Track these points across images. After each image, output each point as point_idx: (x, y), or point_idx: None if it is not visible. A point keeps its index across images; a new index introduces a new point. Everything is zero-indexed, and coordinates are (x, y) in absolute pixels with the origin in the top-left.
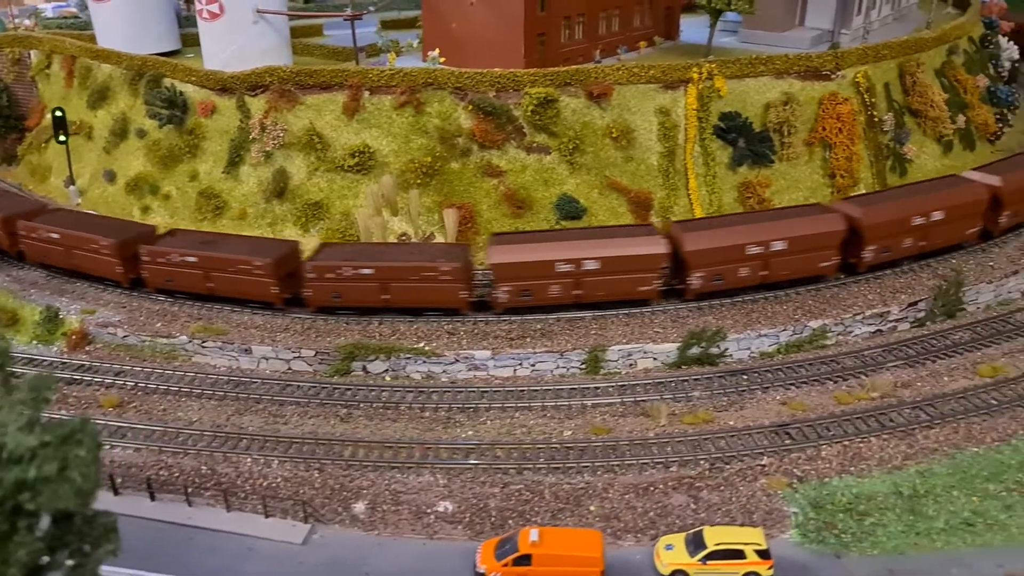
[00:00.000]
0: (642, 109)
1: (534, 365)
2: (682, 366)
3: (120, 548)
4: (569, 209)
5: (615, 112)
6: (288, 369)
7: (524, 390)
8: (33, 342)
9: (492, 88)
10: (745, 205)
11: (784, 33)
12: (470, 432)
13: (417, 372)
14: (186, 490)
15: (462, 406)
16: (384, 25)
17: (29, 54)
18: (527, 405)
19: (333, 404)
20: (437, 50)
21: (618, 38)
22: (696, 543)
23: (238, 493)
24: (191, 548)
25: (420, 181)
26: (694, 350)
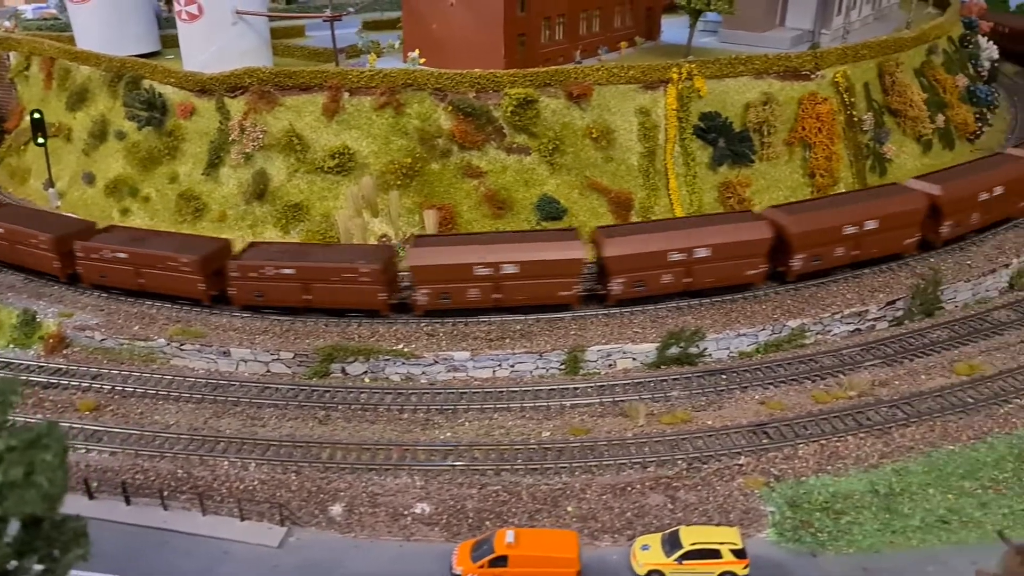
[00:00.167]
0: (622, 109)
1: (513, 366)
2: (661, 366)
3: (90, 553)
4: (549, 210)
5: (595, 112)
6: (267, 371)
7: (503, 391)
8: (10, 346)
9: (472, 89)
10: (725, 205)
11: (764, 33)
12: (448, 433)
13: (396, 374)
14: (161, 494)
15: (441, 407)
16: (366, 26)
17: (8, 56)
18: (506, 406)
19: (312, 406)
20: (417, 51)
21: (599, 38)
22: (672, 543)
23: (214, 496)
24: (166, 552)
25: (400, 182)
26: (673, 350)
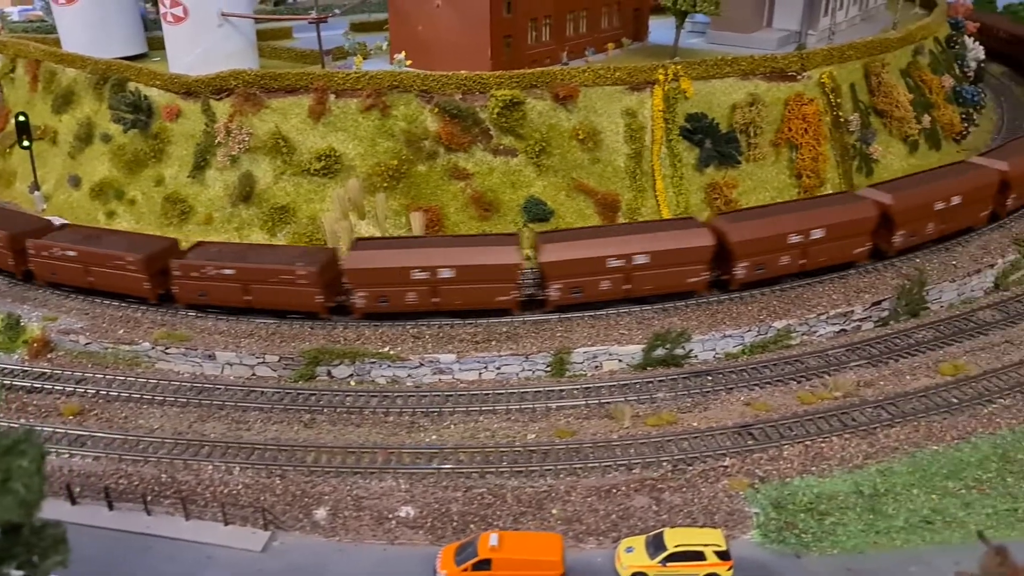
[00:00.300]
0: (608, 111)
1: (499, 368)
2: (647, 368)
3: (69, 559)
4: (536, 211)
5: (582, 114)
6: (252, 375)
7: (489, 393)
8: None
9: (458, 91)
10: (712, 206)
11: (752, 34)
12: (434, 436)
13: (382, 376)
14: (145, 499)
15: (426, 410)
16: (353, 27)
17: None
18: (491, 408)
19: (297, 409)
20: (403, 53)
21: (586, 40)
22: (656, 545)
23: (198, 501)
24: (149, 557)
25: (387, 184)
26: (659, 351)
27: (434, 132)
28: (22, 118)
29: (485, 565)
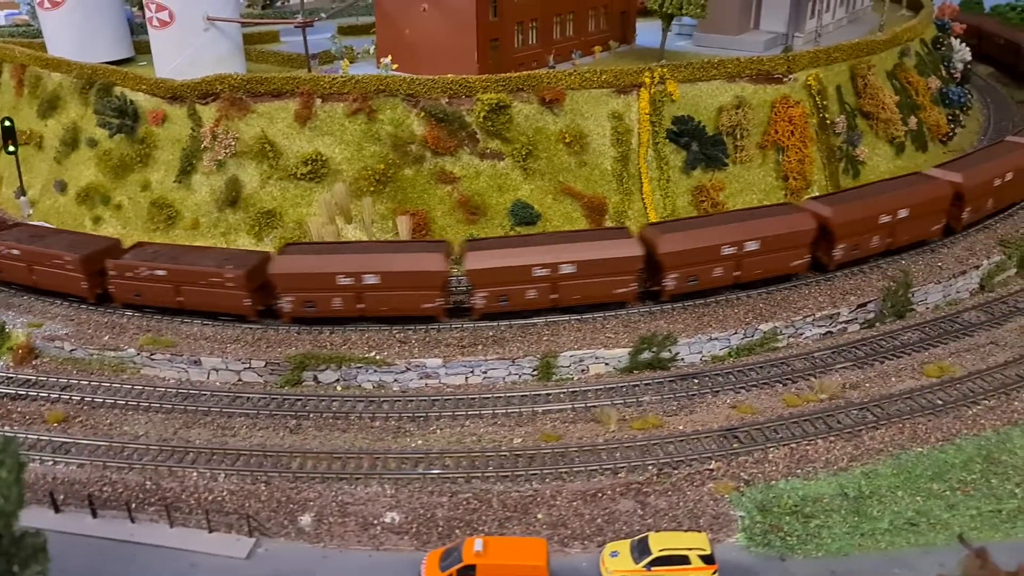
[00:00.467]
0: (595, 114)
1: (486, 372)
2: (633, 371)
3: (49, 569)
4: (523, 215)
5: (568, 117)
6: (238, 380)
7: (475, 398)
8: None
9: (444, 94)
10: (699, 209)
11: (739, 36)
12: (420, 441)
13: (368, 381)
14: (128, 506)
15: (412, 415)
16: (341, 31)
17: None
18: (478, 413)
19: (283, 415)
20: (389, 56)
21: (573, 43)
22: (641, 549)
23: (182, 508)
24: (133, 565)
25: (373, 189)
26: (645, 355)
27: (420, 136)
28: (7, 123)
29: (470, 571)
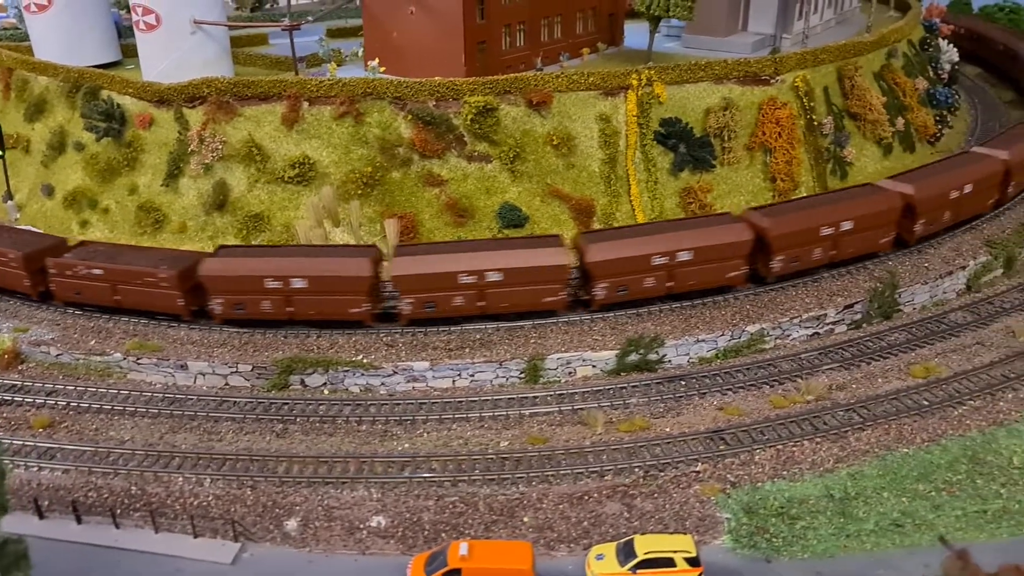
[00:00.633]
0: (582, 116)
1: (473, 375)
2: (621, 373)
3: (31, 575)
4: (511, 217)
5: (555, 120)
6: (225, 384)
7: (462, 401)
8: None
9: (431, 97)
10: (687, 210)
11: (727, 38)
12: (406, 445)
13: (356, 385)
14: (113, 512)
15: (399, 418)
16: (330, 34)
17: None
18: (465, 416)
19: (269, 419)
20: (376, 59)
21: (561, 45)
22: (627, 552)
23: (167, 513)
24: (117, 571)
25: (361, 191)
26: (632, 357)
27: (408, 139)
28: None
29: (455, 575)
